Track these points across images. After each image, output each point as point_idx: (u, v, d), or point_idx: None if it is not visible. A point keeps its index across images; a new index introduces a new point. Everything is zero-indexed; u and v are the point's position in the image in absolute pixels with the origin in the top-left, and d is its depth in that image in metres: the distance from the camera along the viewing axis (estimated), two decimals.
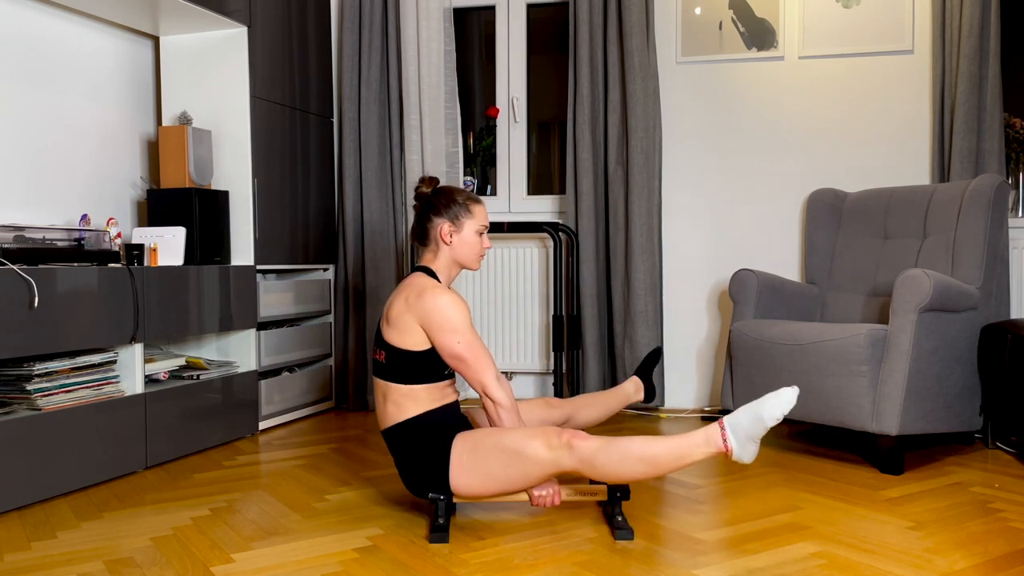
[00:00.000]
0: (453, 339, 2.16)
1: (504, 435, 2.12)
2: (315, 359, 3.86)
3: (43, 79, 3.06)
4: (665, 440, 1.99)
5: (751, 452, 1.94)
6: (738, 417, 1.96)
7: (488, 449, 2.11)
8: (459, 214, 2.32)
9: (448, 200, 2.32)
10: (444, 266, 2.33)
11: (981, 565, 1.91)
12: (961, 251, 2.98)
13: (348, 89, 3.89)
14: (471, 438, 2.16)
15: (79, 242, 2.81)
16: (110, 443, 2.70)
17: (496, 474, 2.10)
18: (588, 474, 2.03)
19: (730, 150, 3.75)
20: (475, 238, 2.33)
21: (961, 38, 3.30)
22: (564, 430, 2.07)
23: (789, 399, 1.92)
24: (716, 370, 3.76)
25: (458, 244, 2.32)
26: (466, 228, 2.32)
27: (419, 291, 2.19)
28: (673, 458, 1.96)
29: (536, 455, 2.05)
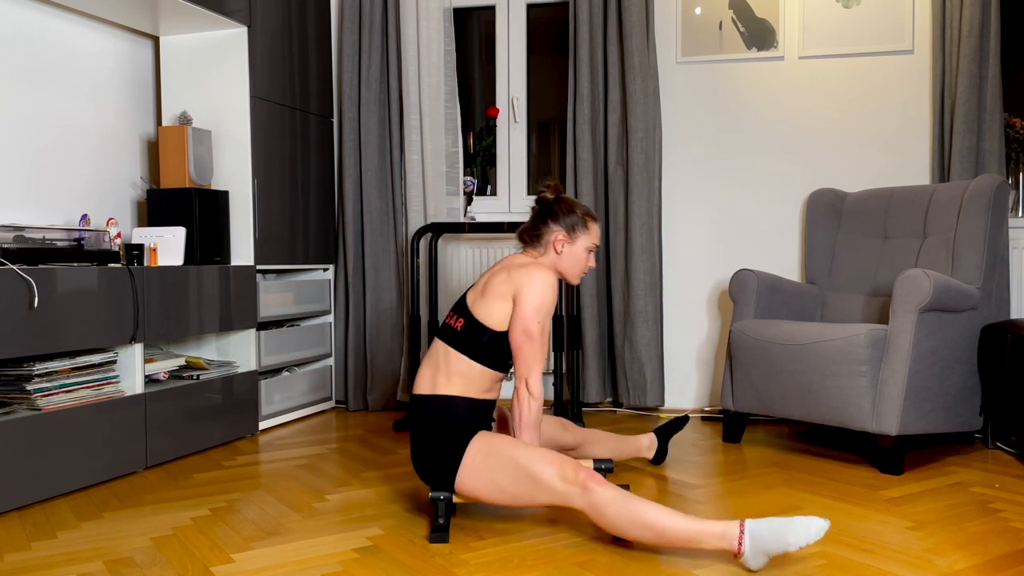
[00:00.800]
0: (535, 317, 2.17)
1: (522, 451, 2.09)
2: (315, 359, 3.86)
3: (43, 79, 3.06)
4: (681, 518, 1.92)
5: (760, 563, 1.90)
6: (761, 528, 1.88)
7: (503, 459, 2.10)
8: (576, 227, 2.33)
9: (568, 210, 2.34)
10: (551, 265, 2.36)
11: (981, 565, 1.91)
12: (961, 251, 2.98)
13: (348, 89, 3.89)
14: (490, 441, 2.15)
15: (79, 242, 2.81)
16: (110, 443, 2.70)
17: (503, 486, 2.10)
18: (593, 518, 2.00)
19: (730, 150, 3.74)
20: (584, 254, 2.35)
21: (961, 38, 3.30)
22: (583, 468, 2.03)
23: (818, 532, 1.84)
24: (716, 370, 3.75)
25: (567, 255, 2.34)
26: (579, 242, 2.34)
27: (522, 264, 2.22)
28: (683, 539, 1.91)
29: (548, 483, 2.04)
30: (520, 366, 2.20)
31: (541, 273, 2.19)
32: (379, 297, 3.87)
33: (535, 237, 2.35)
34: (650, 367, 3.63)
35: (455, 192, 3.86)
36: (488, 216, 4.00)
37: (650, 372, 3.63)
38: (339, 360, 3.97)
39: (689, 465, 2.85)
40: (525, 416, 2.19)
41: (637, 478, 2.69)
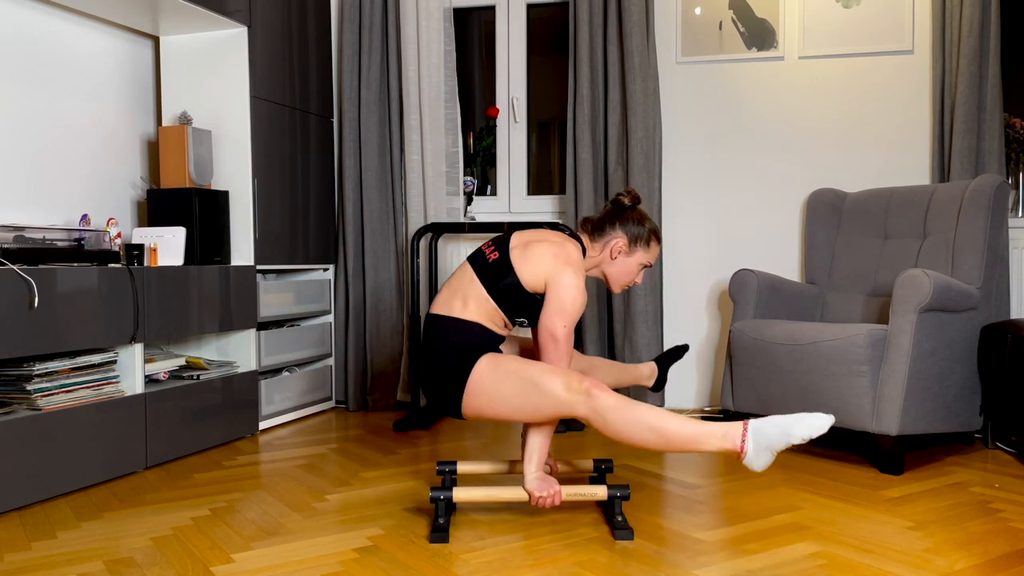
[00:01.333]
0: (561, 321, 2.18)
1: (528, 365, 2.12)
2: (315, 359, 3.86)
3: (43, 79, 3.06)
4: (682, 420, 1.98)
5: (764, 462, 1.92)
6: (764, 425, 1.94)
7: (508, 373, 2.11)
8: (639, 239, 2.34)
9: (638, 221, 2.34)
10: (592, 263, 2.37)
11: (981, 565, 1.91)
12: (961, 251, 2.98)
13: (348, 89, 3.89)
14: (496, 359, 2.16)
15: (79, 242, 2.81)
16: (110, 443, 2.70)
17: (509, 398, 2.10)
18: (597, 426, 2.03)
19: (730, 150, 3.74)
20: (636, 268, 2.36)
21: (961, 38, 3.30)
22: (586, 377, 2.07)
23: (822, 425, 1.89)
24: (716, 370, 3.75)
25: (620, 263, 2.35)
26: (636, 256, 2.35)
27: (568, 258, 2.20)
28: (685, 439, 1.95)
29: (553, 391, 2.06)
30: (549, 363, 2.20)
31: (578, 276, 2.20)
32: (379, 297, 3.87)
33: (598, 233, 2.35)
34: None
35: (455, 192, 3.86)
36: (488, 216, 4.00)
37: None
38: (339, 360, 3.97)
39: (689, 465, 2.85)
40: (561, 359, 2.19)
41: (638, 478, 2.69)
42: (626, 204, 2.37)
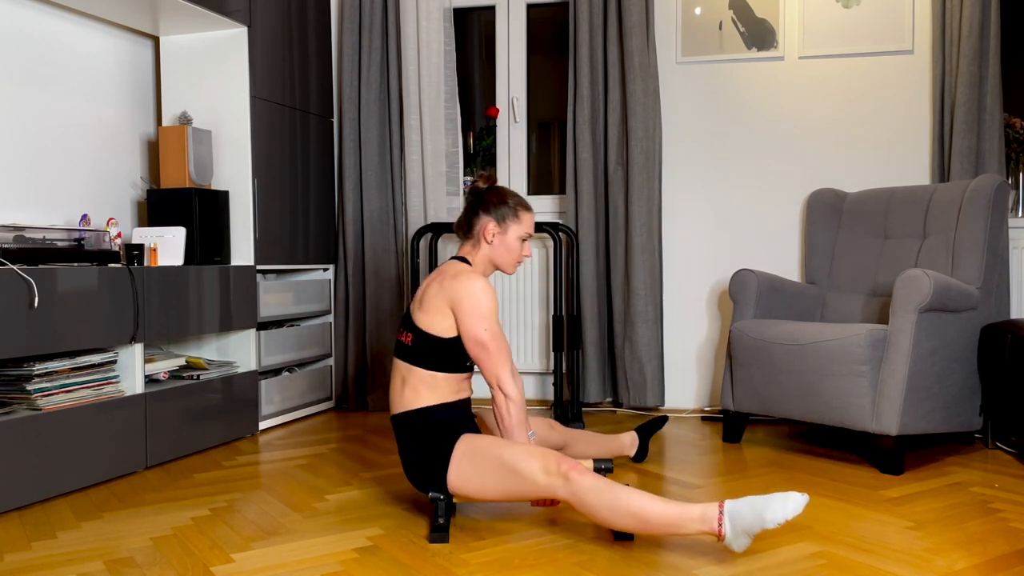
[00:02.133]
0: (480, 325, 2.17)
1: (505, 449, 2.10)
2: (315, 359, 3.86)
3: (43, 79, 3.06)
4: (661, 503, 1.93)
5: (743, 544, 1.90)
6: (740, 507, 1.90)
7: (487, 459, 2.11)
8: (506, 216, 2.33)
9: (499, 200, 2.34)
10: (481, 261, 2.35)
11: (981, 565, 1.91)
12: (961, 251, 2.98)
13: (348, 89, 3.89)
14: (474, 443, 2.15)
15: (79, 242, 2.81)
16: (110, 443, 2.70)
17: (491, 486, 2.11)
18: (578, 508, 2.01)
19: (730, 150, 3.74)
20: (516, 243, 2.33)
21: (961, 38, 3.30)
22: (565, 459, 2.04)
23: (796, 507, 1.86)
24: (716, 370, 3.75)
25: (498, 245, 2.33)
26: (511, 232, 2.33)
27: (454, 275, 2.21)
28: (664, 524, 1.92)
29: (532, 477, 2.04)
30: (486, 374, 2.20)
31: (470, 279, 2.19)
32: (379, 297, 3.87)
33: (468, 228, 2.35)
34: (650, 367, 3.63)
35: (455, 192, 3.86)
36: None
37: (650, 372, 3.63)
38: (339, 360, 3.97)
39: (689, 465, 2.85)
40: (507, 420, 2.20)
41: (638, 479, 2.69)
42: (482, 188, 2.37)
